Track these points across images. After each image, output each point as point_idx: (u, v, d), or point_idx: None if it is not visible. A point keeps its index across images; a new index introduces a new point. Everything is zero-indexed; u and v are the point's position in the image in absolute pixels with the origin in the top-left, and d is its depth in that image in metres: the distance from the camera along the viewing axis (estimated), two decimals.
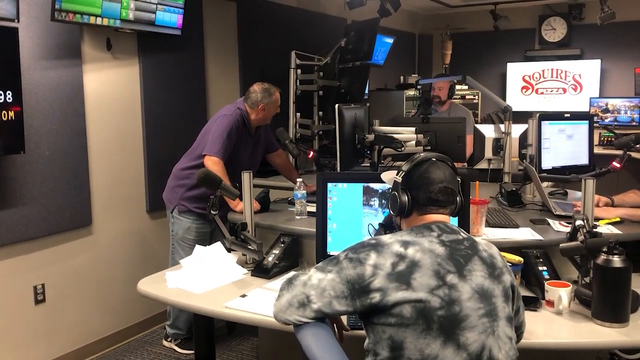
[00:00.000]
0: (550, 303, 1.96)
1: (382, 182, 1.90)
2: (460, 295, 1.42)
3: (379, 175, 1.92)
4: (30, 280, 3.23)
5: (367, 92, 5.82)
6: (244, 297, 2.11)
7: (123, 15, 3.39)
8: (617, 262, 1.82)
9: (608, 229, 2.48)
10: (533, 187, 3.31)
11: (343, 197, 2.28)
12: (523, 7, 7.09)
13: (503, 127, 3.46)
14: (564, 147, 3.42)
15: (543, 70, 7.22)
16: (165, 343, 3.67)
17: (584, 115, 4.50)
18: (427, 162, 1.62)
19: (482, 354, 1.41)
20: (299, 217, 2.80)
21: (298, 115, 4.38)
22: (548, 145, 3.32)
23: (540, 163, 3.27)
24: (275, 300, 1.57)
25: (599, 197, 2.72)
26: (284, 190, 3.53)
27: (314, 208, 2.36)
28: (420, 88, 5.06)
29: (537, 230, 2.48)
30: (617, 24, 5.74)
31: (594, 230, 1.99)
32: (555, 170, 3.34)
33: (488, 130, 3.61)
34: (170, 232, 3.48)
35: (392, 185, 1.68)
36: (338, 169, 3.08)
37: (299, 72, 4.36)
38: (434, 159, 1.63)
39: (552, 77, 7.19)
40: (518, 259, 2.12)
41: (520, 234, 2.44)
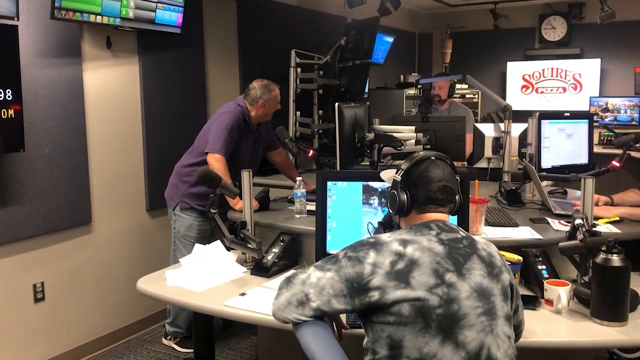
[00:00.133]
0: (550, 302, 1.96)
1: (381, 180, 1.91)
2: (459, 294, 1.42)
3: (379, 174, 1.91)
4: (30, 279, 3.24)
5: (367, 90, 5.81)
6: (244, 295, 2.12)
7: (123, 14, 3.39)
8: (616, 261, 1.82)
9: (607, 228, 2.49)
10: (532, 186, 3.31)
11: (343, 195, 2.28)
12: (523, 6, 7.08)
13: (503, 126, 3.46)
14: (564, 146, 3.42)
15: (543, 70, 7.22)
16: (165, 341, 3.67)
17: (584, 115, 4.48)
18: (426, 160, 1.62)
19: (480, 353, 1.41)
20: (299, 215, 2.80)
21: (298, 114, 4.38)
22: (548, 144, 3.32)
23: (540, 162, 3.27)
24: (274, 299, 1.57)
25: (599, 196, 2.72)
26: (284, 189, 3.53)
27: (314, 207, 2.36)
28: (421, 87, 5.06)
29: (536, 229, 2.49)
30: (617, 24, 5.74)
31: (593, 230, 1.99)
32: (555, 170, 3.34)
33: (488, 129, 3.61)
34: (172, 229, 3.48)
35: (391, 184, 1.68)
36: (338, 168, 3.09)
37: (299, 70, 4.36)
38: (433, 158, 1.63)
39: (552, 76, 7.19)
40: (517, 258, 2.12)
41: (520, 233, 2.44)
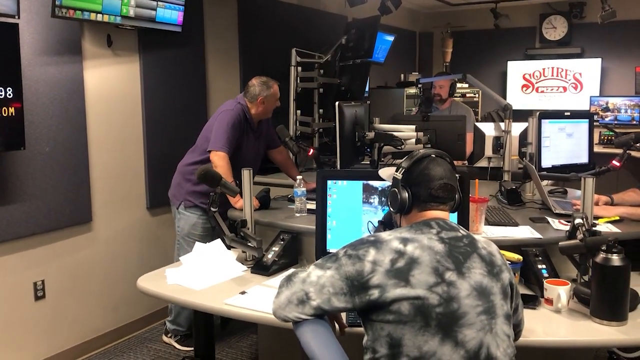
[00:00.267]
0: (549, 301, 1.97)
1: (382, 179, 1.91)
2: (459, 293, 1.43)
3: (379, 173, 1.92)
4: (30, 277, 3.24)
5: (367, 89, 5.81)
6: (244, 294, 2.12)
7: (123, 12, 3.39)
8: (616, 260, 1.82)
9: (607, 228, 2.49)
10: (533, 185, 3.31)
11: (343, 194, 2.28)
12: (524, 5, 7.08)
13: (503, 125, 3.46)
14: (564, 145, 3.42)
15: (543, 69, 7.22)
16: (165, 338, 3.67)
17: (584, 114, 4.49)
18: (426, 158, 1.62)
19: (480, 351, 1.41)
20: (299, 214, 2.80)
21: (298, 113, 4.38)
22: (548, 144, 3.32)
23: (540, 161, 3.27)
24: (275, 297, 1.57)
25: (599, 195, 2.72)
26: (284, 188, 3.53)
27: (314, 205, 2.36)
28: (421, 86, 5.06)
29: (536, 229, 2.49)
30: (617, 23, 5.73)
31: (593, 229, 1.99)
32: (555, 169, 3.34)
33: (488, 129, 3.61)
34: (176, 228, 3.48)
35: (391, 182, 1.68)
36: (338, 167, 3.09)
37: (300, 69, 4.36)
38: (434, 155, 1.63)
39: (552, 75, 7.19)
40: (517, 257, 2.12)
41: (520, 232, 2.44)
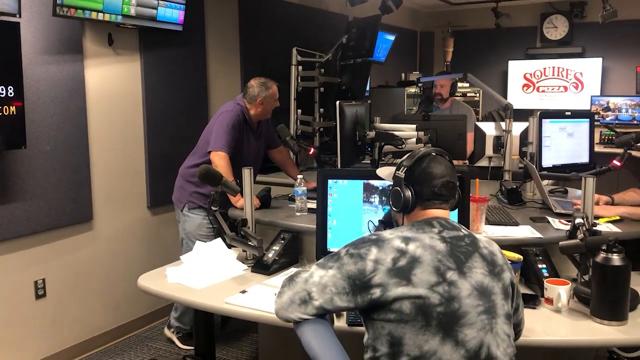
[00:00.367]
0: (549, 301, 1.97)
1: (382, 179, 1.91)
2: (460, 292, 1.43)
3: (377, 172, 1.92)
4: (31, 275, 3.24)
5: (368, 89, 5.81)
6: (244, 293, 2.12)
7: (124, 11, 3.39)
8: (616, 260, 1.82)
9: (608, 228, 2.49)
10: (533, 185, 3.31)
11: (343, 193, 2.28)
12: (525, 4, 7.08)
13: (504, 124, 3.46)
14: (565, 145, 3.42)
15: (544, 69, 7.22)
16: (167, 332, 3.66)
17: (585, 114, 4.49)
18: (427, 156, 1.63)
19: (480, 351, 1.42)
20: (299, 213, 2.80)
21: (299, 112, 4.38)
22: (549, 143, 3.32)
23: (541, 161, 3.27)
24: (277, 297, 1.57)
25: (599, 195, 2.72)
26: (285, 187, 3.53)
27: (314, 204, 2.37)
28: (422, 86, 5.05)
29: (536, 228, 2.49)
30: (618, 23, 5.72)
31: (594, 229, 1.99)
32: (556, 169, 3.34)
33: (489, 128, 3.61)
34: (182, 231, 3.48)
35: (393, 182, 1.68)
36: (338, 166, 3.09)
37: (300, 68, 4.36)
38: (434, 154, 1.64)
39: (553, 75, 7.19)
40: (517, 257, 2.12)
41: (520, 232, 2.45)
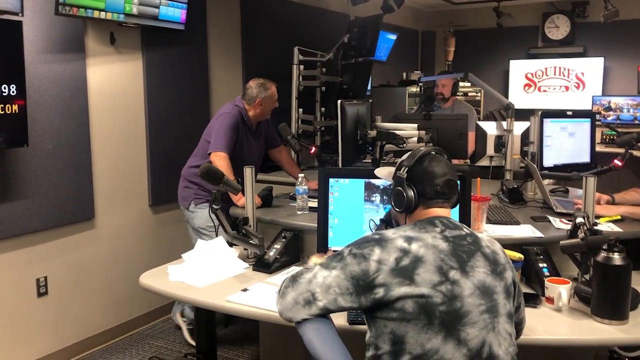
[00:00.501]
0: (550, 300, 1.97)
1: (381, 179, 1.91)
2: (462, 291, 1.43)
3: (375, 173, 1.93)
4: (33, 273, 3.25)
5: (369, 88, 5.81)
6: (245, 291, 2.13)
7: (127, 10, 3.39)
8: (617, 259, 1.82)
9: (609, 227, 2.49)
10: (534, 184, 3.31)
11: (344, 192, 2.28)
12: (526, 4, 7.07)
13: (505, 124, 3.46)
14: (566, 144, 3.42)
15: (546, 68, 7.21)
16: (179, 318, 3.63)
17: (586, 113, 4.49)
18: (428, 156, 1.63)
19: (482, 350, 1.42)
20: (301, 212, 2.81)
21: (300, 111, 4.39)
22: (550, 143, 3.32)
23: (542, 160, 3.28)
24: (280, 298, 1.56)
25: (600, 194, 2.72)
26: (286, 186, 3.54)
27: (316, 203, 2.37)
28: (423, 85, 5.06)
29: (537, 228, 2.49)
30: (620, 22, 5.73)
31: (595, 228, 1.99)
32: (557, 168, 3.35)
33: (490, 128, 3.61)
34: (191, 228, 3.48)
35: (394, 182, 1.68)
36: (340, 165, 3.09)
37: (302, 67, 4.36)
38: (434, 153, 1.65)
39: (554, 74, 7.18)
40: (518, 256, 2.12)
41: (521, 231, 2.45)
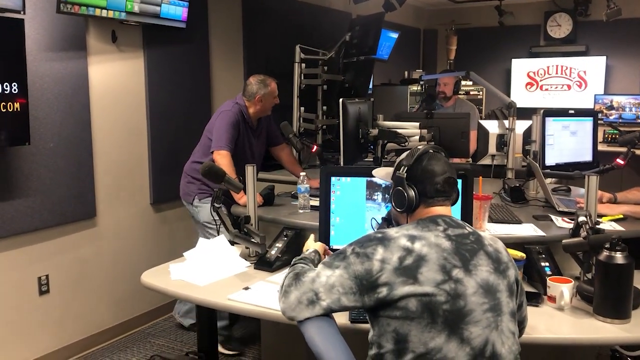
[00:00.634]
0: (552, 299, 1.97)
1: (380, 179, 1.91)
2: (466, 290, 1.43)
3: (373, 173, 1.93)
4: (35, 271, 3.25)
5: (371, 87, 5.81)
6: (247, 289, 2.13)
7: (128, 8, 3.39)
8: (619, 258, 1.82)
9: (611, 226, 2.49)
10: (536, 183, 3.31)
11: (346, 191, 2.28)
12: (528, 3, 7.06)
13: (507, 123, 3.45)
14: (568, 143, 3.42)
15: (548, 67, 7.20)
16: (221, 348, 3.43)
17: (589, 112, 4.48)
18: (426, 154, 1.63)
19: (485, 349, 1.42)
20: (302, 210, 2.81)
21: (302, 110, 4.38)
22: (552, 142, 3.32)
23: (544, 159, 3.27)
24: (282, 297, 1.55)
25: (602, 193, 2.72)
26: (288, 184, 3.53)
27: (317, 202, 2.37)
28: (424, 83, 5.05)
29: (539, 226, 2.49)
30: (623, 21, 5.71)
31: (597, 227, 1.99)
32: (559, 167, 3.34)
33: (492, 126, 3.61)
34: (197, 223, 3.48)
35: (394, 182, 1.67)
36: (341, 164, 3.09)
37: (303, 66, 4.35)
38: (432, 151, 1.64)
39: (557, 73, 7.17)
40: (520, 255, 2.12)
41: (523, 230, 2.45)
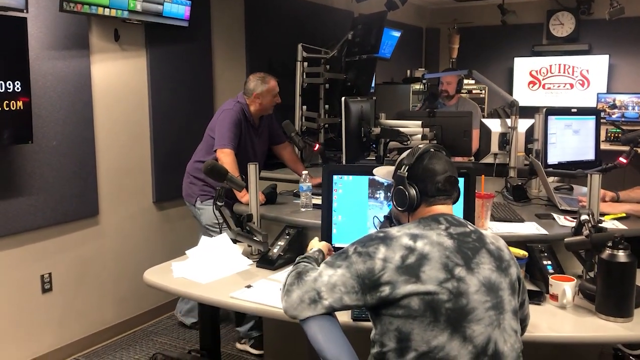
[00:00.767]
0: (555, 297, 1.97)
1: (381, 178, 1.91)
2: (468, 288, 1.43)
3: (374, 172, 1.93)
4: (38, 269, 3.26)
5: (373, 85, 5.81)
6: (249, 287, 2.13)
7: (131, 6, 3.39)
8: (622, 257, 1.82)
9: (613, 224, 2.49)
10: (539, 181, 3.30)
11: (348, 189, 2.28)
12: (531, 1, 7.06)
13: (509, 121, 3.45)
14: (571, 142, 3.41)
15: (550, 66, 7.19)
16: (239, 346, 3.50)
17: (591, 111, 4.46)
18: (427, 153, 1.63)
19: (487, 347, 1.42)
20: (304, 209, 2.81)
21: (304, 108, 4.38)
22: (554, 140, 3.31)
23: (546, 158, 3.27)
24: (285, 295, 1.55)
25: (605, 192, 2.72)
26: (290, 183, 3.54)
27: (319, 200, 2.37)
28: (427, 82, 5.04)
29: (542, 225, 2.49)
30: (626, 19, 5.71)
31: (599, 225, 1.99)
32: (561, 166, 3.34)
33: (494, 125, 3.60)
34: (200, 225, 3.48)
35: (395, 181, 1.67)
36: (343, 162, 3.09)
37: (306, 64, 4.35)
38: (433, 150, 1.64)
39: (559, 72, 7.16)
40: (523, 253, 2.12)
41: (525, 229, 2.45)
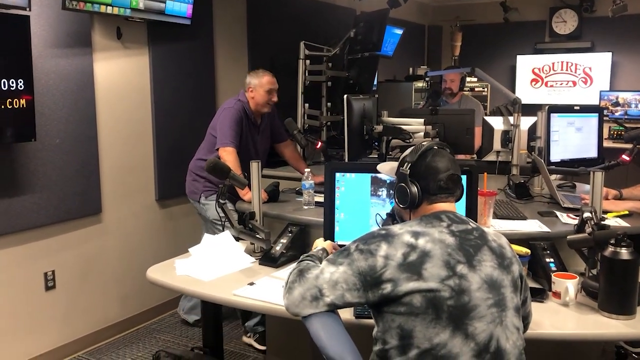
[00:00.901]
0: (557, 294, 1.97)
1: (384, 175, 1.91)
2: (470, 286, 1.43)
3: (378, 168, 1.93)
4: (41, 267, 3.27)
5: (375, 83, 5.80)
6: (252, 285, 2.13)
7: (133, 4, 3.40)
8: (624, 254, 1.82)
9: (616, 222, 2.49)
10: (541, 179, 3.30)
11: (351, 187, 2.28)
12: None
13: (512, 119, 3.45)
14: (573, 140, 3.41)
15: (553, 63, 7.17)
16: (245, 339, 3.53)
17: (594, 108, 4.46)
18: (430, 151, 1.63)
19: (489, 344, 1.42)
20: (307, 207, 2.81)
21: (306, 106, 4.38)
22: (557, 138, 3.31)
23: (549, 156, 3.27)
24: (287, 293, 1.56)
25: (608, 189, 2.72)
26: (292, 181, 3.54)
27: (322, 198, 2.37)
28: (429, 80, 5.04)
29: (544, 223, 2.49)
30: (628, 17, 5.69)
31: (602, 223, 1.98)
32: (564, 163, 3.34)
33: (497, 123, 3.60)
34: (205, 221, 3.50)
35: (397, 178, 1.67)
36: (346, 160, 3.09)
37: (308, 62, 4.35)
38: (436, 147, 1.64)
39: (562, 70, 7.15)
40: (525, 251, 2.12)
41: (528, 226, 2.44)
